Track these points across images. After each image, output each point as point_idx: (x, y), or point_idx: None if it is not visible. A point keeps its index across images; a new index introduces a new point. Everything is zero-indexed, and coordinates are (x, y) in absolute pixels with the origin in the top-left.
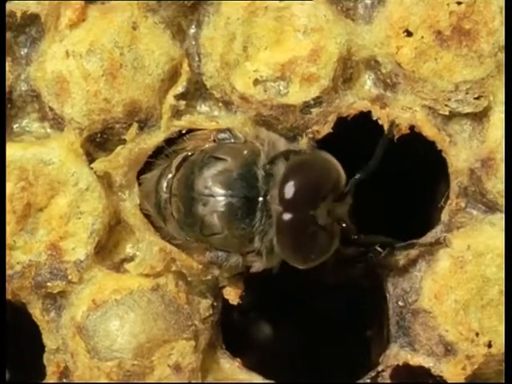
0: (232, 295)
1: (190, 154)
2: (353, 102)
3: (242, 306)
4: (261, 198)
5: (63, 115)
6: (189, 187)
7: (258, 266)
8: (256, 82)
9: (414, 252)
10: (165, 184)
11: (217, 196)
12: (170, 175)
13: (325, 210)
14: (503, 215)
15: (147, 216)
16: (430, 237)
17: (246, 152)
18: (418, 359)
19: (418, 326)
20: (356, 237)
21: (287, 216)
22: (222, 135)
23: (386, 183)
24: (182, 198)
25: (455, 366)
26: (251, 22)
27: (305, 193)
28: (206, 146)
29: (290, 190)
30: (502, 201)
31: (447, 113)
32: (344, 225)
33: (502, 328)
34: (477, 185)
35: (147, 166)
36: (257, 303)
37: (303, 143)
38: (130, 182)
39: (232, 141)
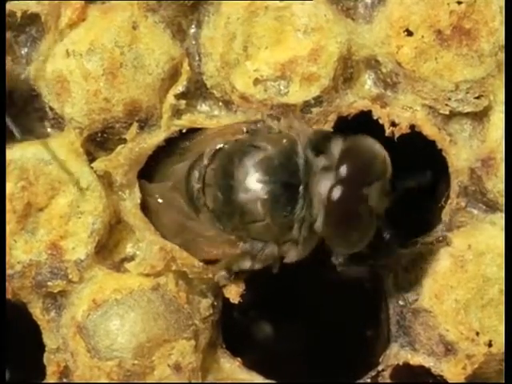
0: (233, 294)
1: (222, 145)
2: (353, 101)
3: (243, 306)
4: (302, 186)
5: (63, 115)
6: (228, 176)
7: (292, 255)
8: (256, 81)
9: (414, 251)
10: (197, 175)
11: (259, 183)
12: (202, 166)
13: (377, 193)
14: (503, 214)
15: (148, 216)
16: (430, 236)
17: (284, 141)
18: (418, 359)
19: (418, 325)
20: (388, 235)
21: (339, 190)
22: (255, 126)
23: None
24: (221, 187)
25: (455, 366)
26: (251, 21)
27: (360, 171)
28: (238, 137)
29: (346, 165)
30: (502, 200)
31: (447, 112)
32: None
33: (502, 327)
34: (477, 184)
35: (154, 164)
36: (257, 303)
37: None
38: (131, 181)
39: (266, 131)
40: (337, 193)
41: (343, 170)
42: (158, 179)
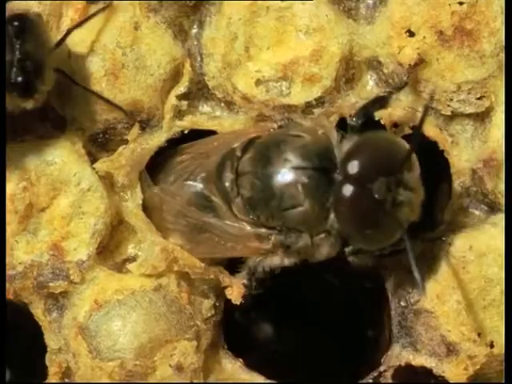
0: (235, 295)
1: (254, 137)
2: (355, 102)
3: (244, 306)
4: (337, 175)
5: (65, 115)
6: (266, 162)
7: (323, 251)
8: (258, 82)
9: (416, 252)
10: (229, 167)
11: (299, 168)
12: (235, 158)
13: (384, 187)
14: (504, 215)
15: (149, 216)
16: (432, 237)
17: (320, 132)
18: (420, 359)
19: (420, 326)
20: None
21: (347, 187)
22: (284, 123)
23: None
24: (259, 174)
25: (457, 366)
26: (253, 22)
27: (367, 166)
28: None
29: (355, 161)
30: (503, 201)
31: (449, 113)
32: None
33: (503, 328)
34: (479, 185)
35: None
36: (259, 303)
37: None
38: (132, 182)
39: (296, 125)
40: (344, 190)
41: (350, 166)
42: (161, 180)
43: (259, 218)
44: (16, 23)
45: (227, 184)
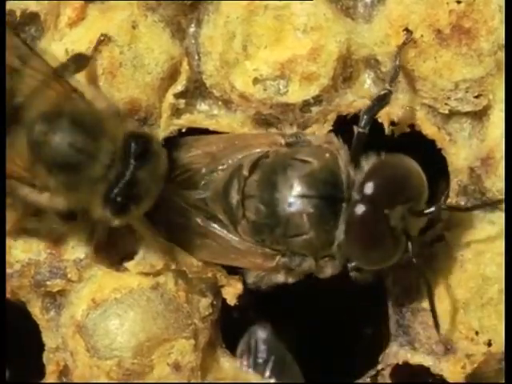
0: (230, 295)
1: (261, 156)
2: (353, 100)
3: (242, 305)
4: (344, 203)
5: None
6: (272, 188)
7: (328, 271)
8: (256, 80)
9: (413, 250)
10: (236, 186)
11: (305, 197)
12: (241, 177)
13: (399, 215)
14: (503, 214)
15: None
16: (429, 235)
17: (327, 155)
18: (417, 358)
19: (417, 324)
20: (414, 260)
21: (362, 208)
22: (293, 139)
23: None
24: (264, 200)
25: (455, 365)
26: (251, 20)
27: (384, 191)
28: (277, 149)
29: (371, 183)
30: (501, 199)
31: (447, 111)
32: (410, 243)
33: (501, 327)
34: (476, 183)
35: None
36: (257, 302)
37: None
38: None
39: (305, 144)
40: (357, 210)
41: (366, 187)
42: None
43: (264, 241)
44: (141, 144)
45: (233, 205)
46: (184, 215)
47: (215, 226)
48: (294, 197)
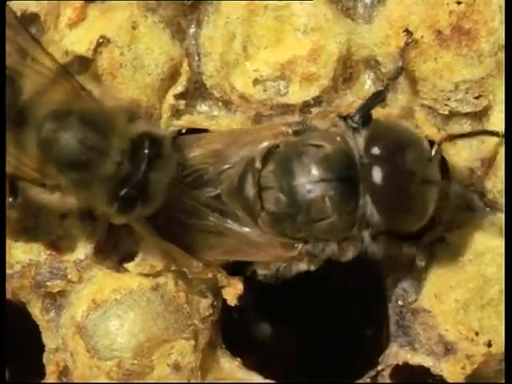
0: (230, 296)
1: (271, 147)
2: (353, 101)
3: (242, 305)
4: (361, 182)
5: None
6: (290, 177)
7: (349, 254)
8: (256, 81)
9: (413, 251)
10: (251, 180)
11: (325, 180)
12: (255, 170)
13: (413, 161)
14: (503, 215)
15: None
16: (430, 236)
17: (338, 138)
18: (417, 358)
19: (417, 325)
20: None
21: (377, 168)
22: (299, 127)
23: None
24: (283, 189)
25: (455, 366)
26: (251, 21)
27: (389, 144)
28: (286, 139)
29: (375, 143)
30: (502, 200)
31: (447, 112)
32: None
33: (501, 328)
34: (477, 184)
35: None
36: (257, 302)
37: None
38: None
39: (312, 129)
40: (375, 173)
41: (373, 150)
42: None
43: (284, 230)
44: (155, 146)
45: (250, 198)
46: (195, 215)
47: (231, 222)
48: (313, 182)
